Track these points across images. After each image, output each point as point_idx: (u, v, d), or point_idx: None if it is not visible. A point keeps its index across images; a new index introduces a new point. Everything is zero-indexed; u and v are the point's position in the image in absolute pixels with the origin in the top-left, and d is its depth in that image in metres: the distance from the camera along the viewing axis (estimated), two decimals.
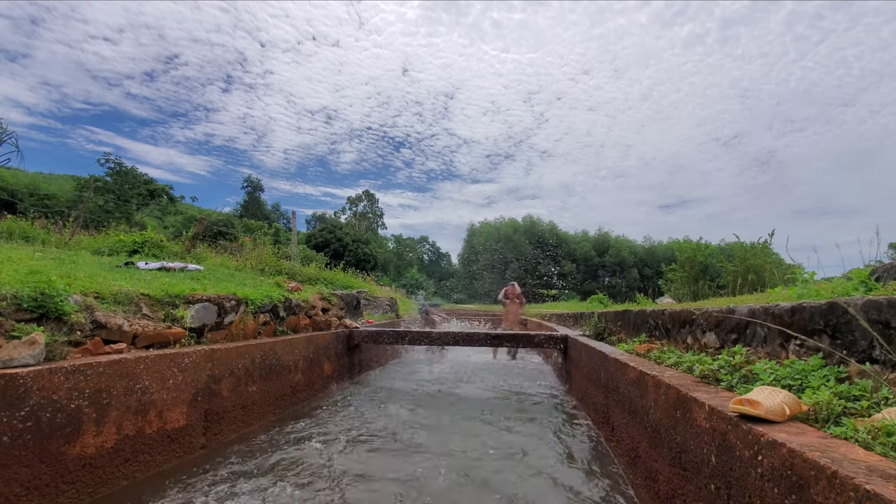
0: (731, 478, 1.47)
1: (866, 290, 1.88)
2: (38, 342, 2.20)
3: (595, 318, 5.68)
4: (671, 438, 2.03)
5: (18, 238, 6.06)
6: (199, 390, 3.14)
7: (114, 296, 2.97)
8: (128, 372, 2.56)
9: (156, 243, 6.50)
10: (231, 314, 3.86)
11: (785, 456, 1.19)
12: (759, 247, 7.15)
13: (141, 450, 2.63)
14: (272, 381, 4.13)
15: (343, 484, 2.69)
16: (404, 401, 4.95)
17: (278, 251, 9.82)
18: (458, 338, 5.99)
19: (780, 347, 2.02)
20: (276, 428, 3.75)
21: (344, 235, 37.12)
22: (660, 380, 2.23)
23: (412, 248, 72.10)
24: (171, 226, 30.75)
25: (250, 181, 60.97)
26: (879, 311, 1.53)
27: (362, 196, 67.60)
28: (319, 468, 2.92)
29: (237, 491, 2.54)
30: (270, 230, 33.75)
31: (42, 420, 2.08)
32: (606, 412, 3.49)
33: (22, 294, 2.35)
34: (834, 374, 1.60)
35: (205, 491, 2.53)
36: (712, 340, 2.65)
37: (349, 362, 6.16)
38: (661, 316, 3.51)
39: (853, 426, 1.28)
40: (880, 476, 0.97)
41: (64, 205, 23.24)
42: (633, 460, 2.67)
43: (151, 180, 33.55)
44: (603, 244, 53.82)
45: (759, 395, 1.47)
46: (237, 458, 3.05)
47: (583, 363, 4.67)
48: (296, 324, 5.11)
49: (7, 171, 20.26)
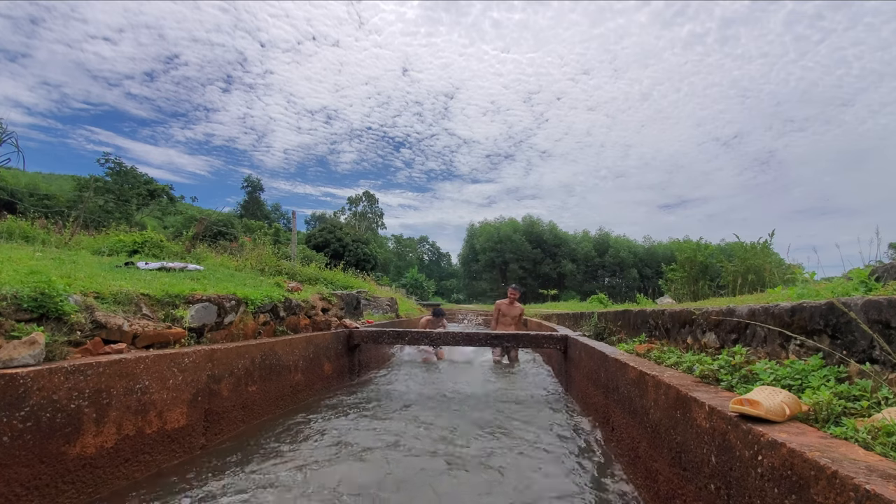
0: (731, 478, 1.47)
1: (866, 290, 1.88)
2: (38, 342, 2.20)
3: (595, 318, 5.68)
4: (671, 438, 2.03)
5: (18, 238, 6.06)
6: (199, 390, 3.14)
7: (114, 296, 2.97)
8: (128, 372, 2.56)
9: (156, 243, 6.49)
10: (231, 314, 3.86)
11: (785, 456, 1.19)
12: (759, 247, 7.14)
13: (141, 450, 2.63)
14: (272, 381, 4.13)
15: (343, 484, 2.69)
16: (403, 398, 4.95)
17: (278, 251, 9.82)
18: (458, 338, 6.00)
19: (780, 347, 2.02)
20: (276, 428, 3.75)
21: (344, 235, 37.12)
22: (660, 380, 2.23)
23: (412, 248, 72.06)
24: (171, 226, 30.74)
25: (250, 181, 60.99)
26: (879, 312, 1.53)
27: (362, 196, 67.60)
28: (319, 468, 2.92)
29: (237, 491, 2.54)
30: (270, 230, 33.75)
31: (42, 420, 2.08)
32: (606, 412, 3.49)
33: (22, 294, 2.34)
34: (834, 374, 1.60)
35: (205, 491, 2.53)
36: (712, 340, 2.65)
37: (349, 362, 6.16)
38: (661, 316, 3.51)
39: (853, 426, 1.28)
40: (880, 476, 0.97)
41: (64, 205, 23.24)
42: (632, 460, 2.67)
43: (151, 180, 33.54)
44: (603, 244, 53.82)
45: (759, 395, 1.47)
46: (238, 458, 3.05)
47: (583, 363, 4.67)
48: (296, 324, 5.11)
49: (7, 171, 20.26)
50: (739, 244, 7.49)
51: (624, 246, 53.62)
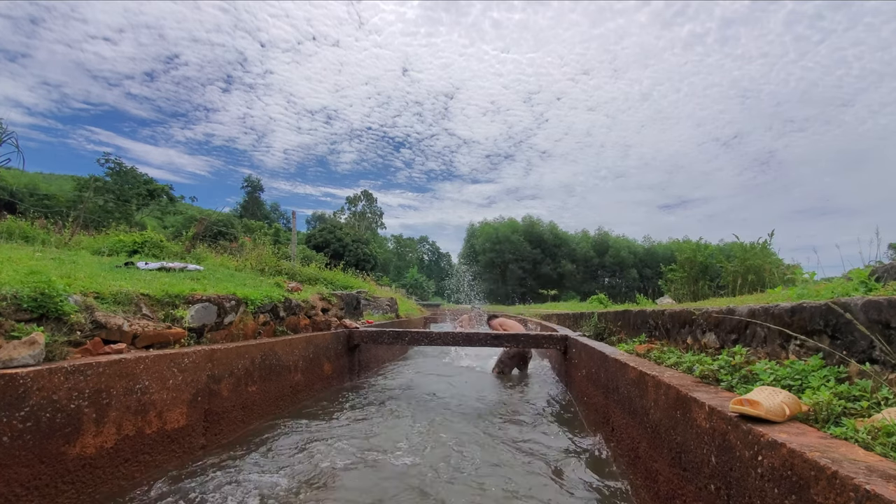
0: (731, 478, 1.47)
1: (866, 290, 1.88)
2: (38, 342, 2.20)
3: (595, 319, 5.67)
4: (671, 438, 2.03)
5: (18, 238, 6.06)
6: (199, 390, 3.14)
7: (114, 296, 2.97)
8: (128, 372, 2.55)
9: (156, 243, 6.49)
10: (231, 314, 3.86)
11: (785, 456, 1.19)
12: (759, 247, 7.14)
13: (141, 450, 2.62)
14: (272, 381, 4.13)
15: (343, 484, 2.69)
16: (402, 399, 4.94)
17: (278, 251, 9.81)
18: (458, 338, 5.99)
19: (780, 348, 2.02)
20: (276, 428, 3.75)
21: (344, 236, 37.13)
22: (660, 380, 2.23)
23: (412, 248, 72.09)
24: (171, 226, 30.74)
25: (250, 181, 60.98)
26: (879, 312, 1.53)
27: (360, 196, 67.61)
28: (320, 468, 2.92)
29: (237, 491, 2.54)
30: (270, 230, 33.76)
31: (42, 420, 2.08)
32: (606, 412, 3.49)
33: (22, 294, 2.34)
34: (834, 375, 1.60)
35: (205, 491, 2.52)
36: (712, 340, 2.65)
37: (349, 362, 6.16)
38: (660, 316, 3.51)
39: (853, 426, 1.28)
40: (880, 476, 0.97)
41: (64, 205, 23.23)
42: (633, 460, 2.67)
43: (151, 180, 33.48)
44: (603, 244, 53.84)
45: (759, 396, 1.47)
46: (237, 458, 3.05)
47: (583, 363, 4.67)
48: (296, 324, 5.10)
49: (7, 171, 20.26)
50: (739, 244, 7.49)
51: (624, 246, 53.64)
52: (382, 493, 2.58)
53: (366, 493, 2.58)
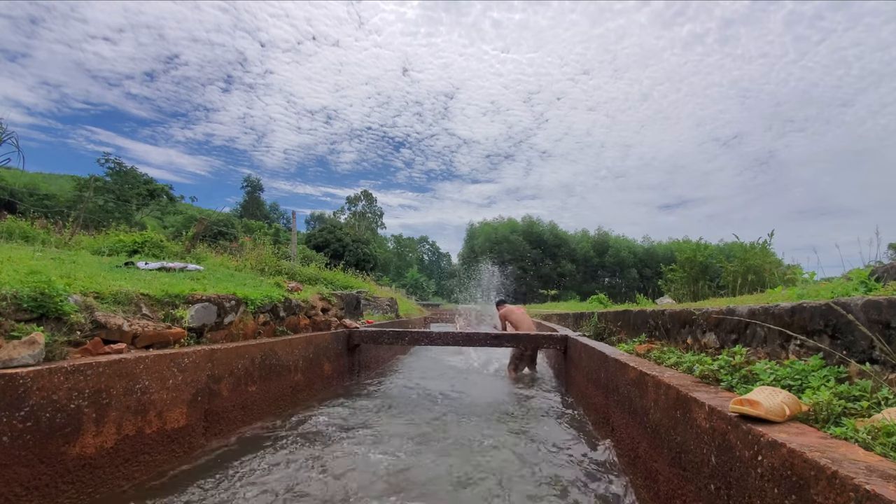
0: (731, 478, 1.47)
1: (866, 290, 1.88)
2: (38, 342, 2.20)
3: (595, 319, 5.68)
4: (671, 438, 2.03)
5: (18, 238, 6.06)
6: (199, 390, 3.14)
7: (114, 296, 2.97)
8: (127, 372, 2.55)
9: (156, 243, 6.49)
10: (231, 314, 3.86)
11: (785, 456, 1.19)
12: (759, 247, 7.15)
13: (141, 450, 2.62)
14: (272, 381, 4.13)
15: (343, 484, 2.69)
16: (402, 399, 4.94)
17: (278, 251, 9.82)
18: (458, 338, 5.99)
19: (780, 348, 2.02)
20: (276, 428, 3.75)
21: (344, 236, 37.14)
22: (660, 380, 2.23)
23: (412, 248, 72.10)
24: (171, 226, 30.73)
25: (250, 181, 61.01)
26: (879, 312, 1.53)
27: (360, 196, 67.60)
28: (319, 468, 2.92)
29: (237, 491, 2.54)
30: (270, 230, 33.77)
31: (42, 420, 2.08)
32: (606, 412, 3.49)
33: (22, 294, 2.34)
34: (834, 375, 1.60)
35: (205, 491, 2.53)
36: (712, 341, 2.65)
37: (349, 362, 6.16)
38: (660, 316, 3.51)
39: (853, 426, 1.28)
40: (880, 476, 0.97)
41: (64, 205, 23.23)
42: (633, 460, 2.67)
43: (151, 180, 33.49)
44: (603, 244, 53.80)
45: (759, 396, 1.47)
46: (237, 458, 3.05)
47: (583, 363, 4.67)
48: (296, 324, 5.10)
49: (7, 171, 20.25)
50: (739, 244, 7.50)
51: (624, 246, 53.60)
52: (383, 493, 2.58)
53: (366, 493, 2.58)
